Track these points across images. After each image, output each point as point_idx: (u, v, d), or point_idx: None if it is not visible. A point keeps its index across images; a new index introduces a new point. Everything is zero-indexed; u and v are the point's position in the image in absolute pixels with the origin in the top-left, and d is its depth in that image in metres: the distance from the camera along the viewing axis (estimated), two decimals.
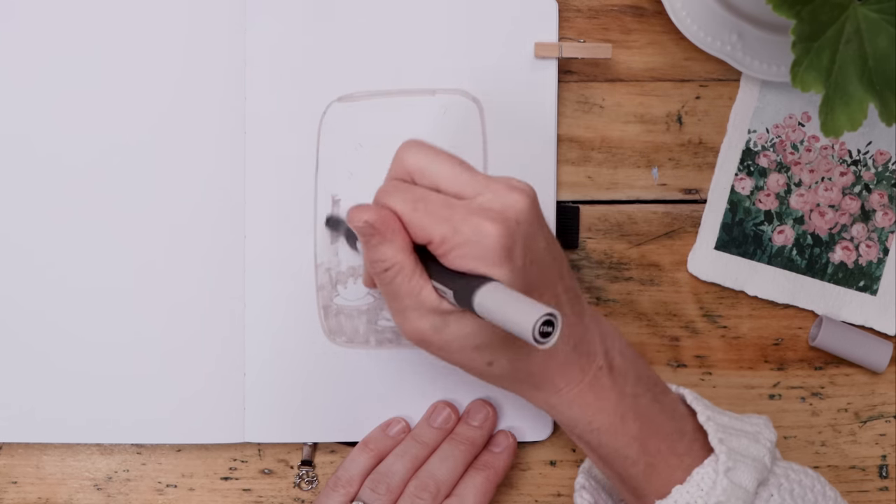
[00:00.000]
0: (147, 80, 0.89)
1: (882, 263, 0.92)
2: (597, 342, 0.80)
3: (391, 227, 0.76)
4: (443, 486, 0.87)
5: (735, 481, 0.78)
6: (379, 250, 0.76)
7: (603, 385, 0.80)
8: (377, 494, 0.87)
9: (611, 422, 0.80)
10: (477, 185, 0.76)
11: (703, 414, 0.81)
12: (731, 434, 0.80)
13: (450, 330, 0.76)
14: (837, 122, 0.76)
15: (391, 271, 0.76)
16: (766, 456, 0.80)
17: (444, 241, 0.75)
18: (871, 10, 0.76)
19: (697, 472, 0.79)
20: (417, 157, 0.78)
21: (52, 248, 0.89)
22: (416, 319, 0.77)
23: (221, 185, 0.90)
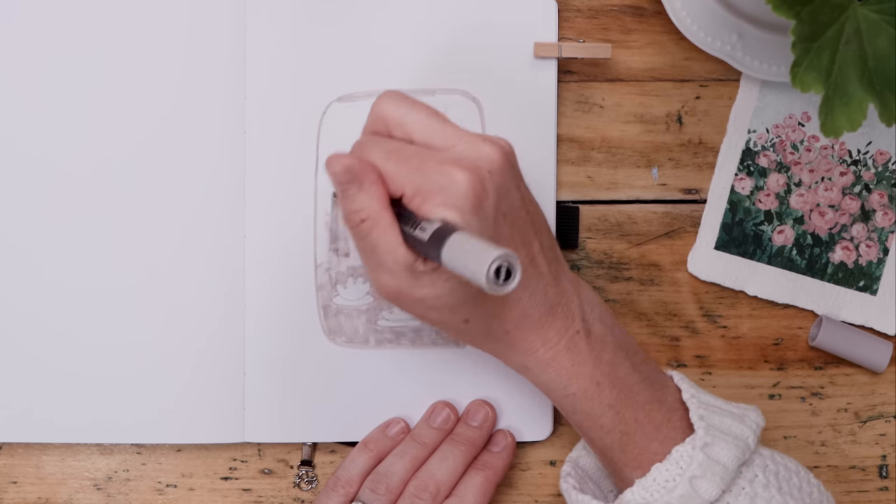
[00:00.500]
0: (147, 81, 0.89)
1: (882, 263, 0.92)
2: (575, 306, 0.80)
3: (369, 176, 0.75)
4: (442, 487, 0.87)
5: (712, 456, 0.78)
6: (357, 199, 0.75)
7: (580, 349, 0.80)
8: (377, 495, 0.87)
9: (586, 388, 0.80)
10: (451, 137, 0.76)
11: (688, 391, 0.81)
12: (714, 412, 0.80)
13: (424, 288, 0.75)
14: (837, 122, 0.76)
15: (368, 223, 0.75)
16: (751, 437, 0.80)
17: (417, 192, 0.74)
18: (870, 10, 0.76)
19: (677, 449, 0.79)
20: (393, 107, 0.77)
21: (52, 248, 0.89)
22: (391, 276, 0.75)
23: (221, 186, 0.90)
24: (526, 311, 0.78)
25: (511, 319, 0.79)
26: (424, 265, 0.74)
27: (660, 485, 0.79)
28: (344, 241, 0.90)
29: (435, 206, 0.73)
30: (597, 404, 0.80)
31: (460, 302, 0.77)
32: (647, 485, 0.79)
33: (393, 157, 0.75)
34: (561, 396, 0.81)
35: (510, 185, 0.76)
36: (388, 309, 0.91)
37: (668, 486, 0.78)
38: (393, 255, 0.74)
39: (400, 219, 0.75)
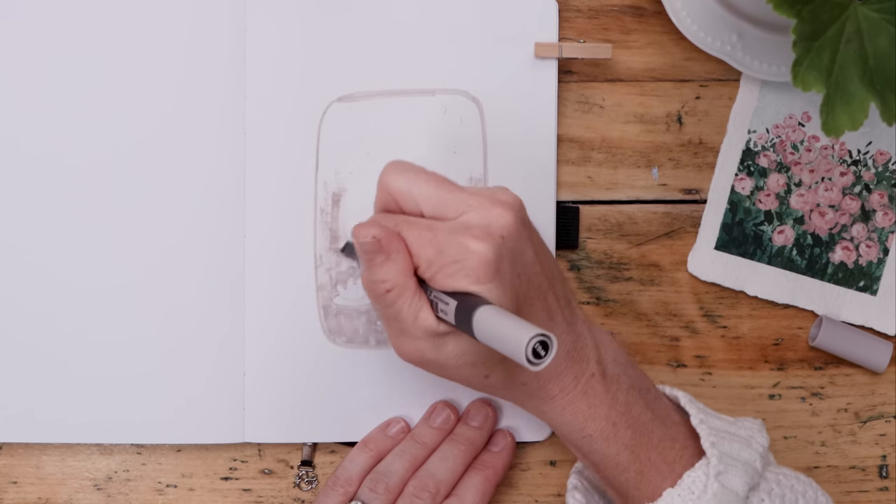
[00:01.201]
0: (147, 81, 0.89)
1: (882, 263, 0.92)
2: (590, 349, 0.80)
3: (396, 246, 0.75)
4: (442, 486, 0.87)
5: (726, 485, 0.78)
6: (383, 269, 0.75)
7: (595, 392, 0.80)
8: (376, 494, 0.87)
9: (602, 429, 0.80)
10: (460, 204, 0.76)
11: (697, 417, 0.81)
12: (724, 438, 0.80)
13: (447, 350, 0.76)
14: (838, 121, 0.76)
15: (393, 293, 0.75)
16: (758, 461, 0.80)
17: (431, 264, 0.74)
18: (871, 9, 0.76)
19: (688, 475, 0.79)
20: (399, 180, 0.77)
21: (53, 248, 0.89)
22: (414, 341, 0.76)
23: (221, 186, 0.89)
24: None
25: (530, 372, 0.79)
26: (448, 328, 0.75)
27: None
28: (344, 241, 0.90)
29: (451, 277, 0.74)
30: (613, 444, 0.80)
31: (481, 360, 0.77)
32: None
33: (404, 231, 0.76)
34: (578, 438, 0.81)
35: (523, 246, 0.77)
36: None
37: None
38: (416, 321, 0.75)
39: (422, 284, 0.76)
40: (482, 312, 0.72)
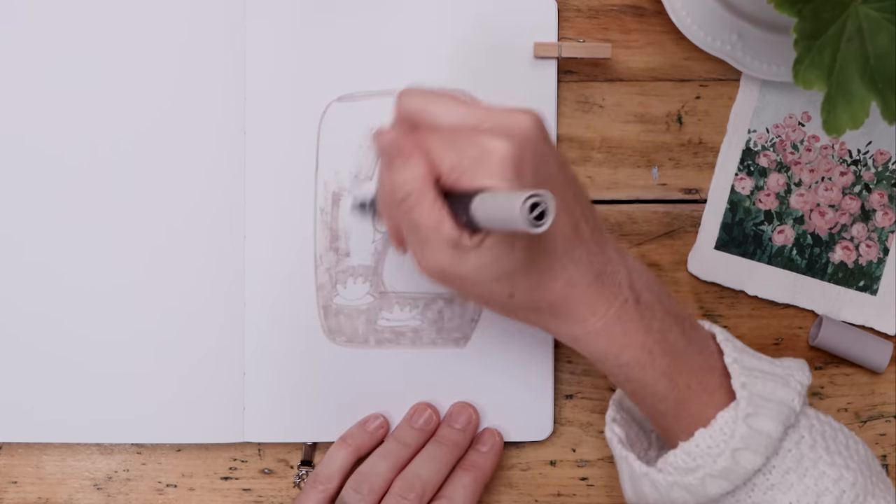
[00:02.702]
0: (147, 80, 0.89)
1: (882, 263, 0.92)
2: (622, 275, 0.78)
3: (416, 148, 0.74)
4: (428, 487, 0.87)
5: (755, 427, 0.77)
6: (402, 171, 0.73)
7: (630, 318, 0.78)
8: (360, 495, 0.86)
9: (638, 356, 0.78)
10: (480, 115, 0.75)
11: (730, 355, 0.79)
12: (757, 377, 0.78)
13: (469, 262, 0.74)
14: (839, 120, 0.76)
15: (412, 197, 0.73)
16: (796, 399, 0.78)
17: (454, 168, 0.73)
18: (871, 8, 0.76)
19: (721, 415, 0.77)
20: (414, 101, 0.77)
21: (52, 248, 0.89)
22: (436, 252, 0.74)
23: (221, 185, 0.89)
24: (572, 279, 0.77)
25: (557, 290, 0.77)
26: (469, 240, 0.73)
27: (702, 451, 0.77)
28: (344, 240, 0.90)
29: (474, 177, 0.72)
30: (650, 372, 0.78)
31: (505, 274, 0.75)
32: (691, 450, 0.78)
33: (425, 139, 0.74)
34: (613, 366, 0.79)
35: (546, 152, 0.75)
36: (388, 309, 0.91)
37: (711, 453, 0.77)
38: (436, 232, 0.73)
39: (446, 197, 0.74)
40: (482, 195, 0.70)
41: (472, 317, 0.91)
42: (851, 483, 0.78)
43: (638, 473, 0.80)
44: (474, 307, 0.91)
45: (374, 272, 0.90)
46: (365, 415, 0.90)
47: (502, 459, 0.92)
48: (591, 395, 0.92)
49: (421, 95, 0.77)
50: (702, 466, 0.77)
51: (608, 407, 0.86)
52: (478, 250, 0.73)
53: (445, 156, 0.73)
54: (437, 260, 0.74)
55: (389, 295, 0.91)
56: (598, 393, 0.93)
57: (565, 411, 0.92)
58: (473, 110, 0.75)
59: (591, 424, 0.93)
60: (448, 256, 0.74)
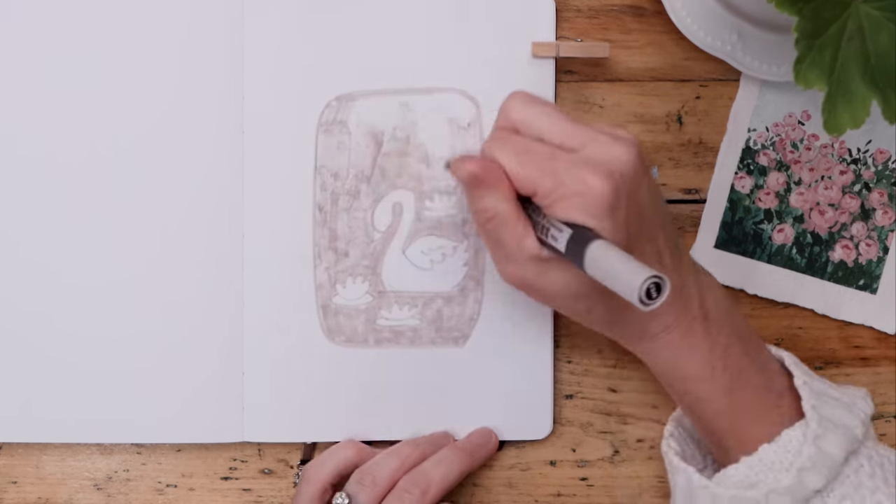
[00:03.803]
0: (145, 80, 0.89)
1: (882, 262, 0.92)
2: (693, 291, 0.81)
3: (495, 177, 0.76)
4: (433, 486, 0.86)
5: (823, 449, 0.78)
6: (483, 201, 0.77)
7: (696, 333, 0.80)
8: (362, 486, 0.86)
9: (701, 371, 0.80)
10: (582, 137, 0.76)
11: (800, 378, 0.81)
12: (826, 402, 0.80)
13: (550, 277, 0.77)
14: (840, 119, 0.76)
15: (494, 221, 0.77)
16: (859, 427, 0.80)
17: (549, 194, 0.75)
18: (872, 7, 0.76)
19: (787, 433, 0.79)
20: (522, 109, 0.78)
21: (51, 247, 0.89)
22: (518, 266, 0.77)
23: (220, 184, 0.89)
24: None
25: (633, 310, 0.79)
26: (551, 254, 0.76)
27: (766, 466, 0.79)
28: (343, 240, 0.90)
29: (568, 209, 0.74)
30: (709, 387, 0.80)
31: (584, 293, 0.78)
32: (753, 464, 0.79)
33: (525, 160, 0.76)
34: (674, 379, 0.81)
35: (640, 186, 0.77)
36: (387, 308, 0.90)
37: (774, 468, 0.78)
38: (520, 247, 0.76)
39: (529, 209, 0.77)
40: (596, 246, 0.72)
41: (472, 316, 0.91)
42: None
43: (696, 486, 0.81)
44: (473, 306, 0.91)
45: (373, 272, 0.90)
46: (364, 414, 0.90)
47: (502, 459, 0.92)
48: (591, 395, 0.92)
49: (529, 103, 0.79)
50: (763, 482, 0.78)
51: (667, 423, 0.87)
52: (558, 267, 0.77)
53: (543, 180, 0.75)
54: (518, 273, 0.78)
55: (388, 294, 0.91)
56: (598, 393, 0.93)
57: (565, 411, 0.92)
58: (578, 131, 0.77)
59: (591, 424, 0.93)
60: (529, 270, 0.77)
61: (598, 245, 0.72)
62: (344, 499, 0.85)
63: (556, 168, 0.75)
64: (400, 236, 0.90)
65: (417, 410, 0.91)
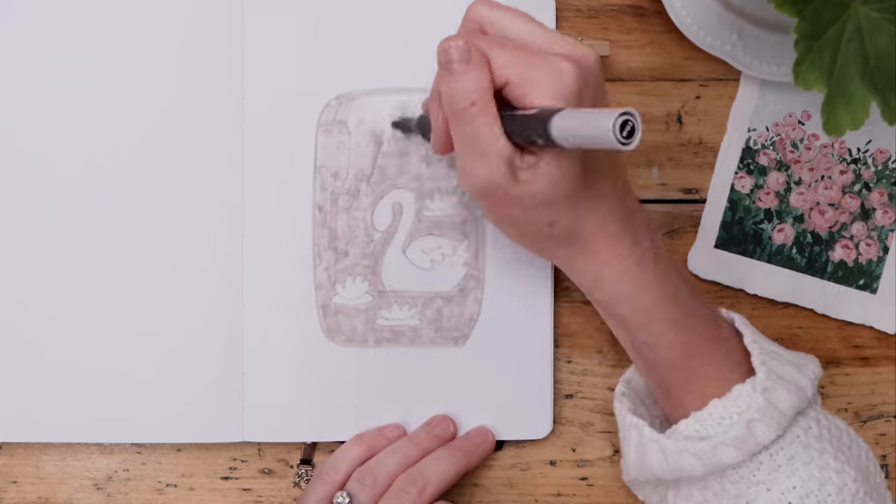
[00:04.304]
0: (145, 80, 0.89)
1: (882, 262, 0.92)
2: (644, 225, 0.81)
3: (482, 59, 0.75)
4: (430, 485, 0.86)
5: (771, 401, 0.78)
6: (467, 78, 0.74)
7: (648, 266, 0.80)
8: (363, 485, 0.86)
9: (652, 304, 0.80)
10: (549, 37, 0.76)
11: (750, 337, 0.81)
12: (775, 359, 0.80)
13: (521, 183, 0.75)
14: (840, 120, 0.76)
15: (476, 107, 0.74)
16: (809, 386, 0.80)
17: (522, 81, 0.74)
18: (871, 9, 0.76)
19: (737, 388, 0.79)
20: (488, 10, 0.78)
21: (52, 248, 0.89)
22: (489, 168, 0.75)
23: (220, 185, 0.89)
24: (605, 219, 0.79)
25: (591, 227, 0.79)
26: (522, 161, 0.74)
27: (715, 420, 0.79)
28: (343, 240, 0.90)
29: (540, 94, 0.73)
30: (659, 322, 0.80)
31: (553, 201, 0.76)
32: (703, 418, 0.79)
33: (497, 46, 0.75)
34: (625, 311, 0.81)
35: (602, 90, 0.77)
36: (387, 308, 0.91)
37: (724, 423, 0.79)
38: (495, 146, 0.74)
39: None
40: (565, 111, 0.70)
41: (472, 316, 0.91)
42: (854, 478, 0.79)
43: (647, 440, 0.81)
44: (473, 306, 0.91)
45: (372, 271, 0.90)
46: (364, 413, 0.90)
47: (502, 459, 0.92)
48: (591, 395, 0.92)
49: (494, 8, 0.78)
50: (713, 436, 0.79)
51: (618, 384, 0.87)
52: (531, 172, 0.75)
53: (516, 68, 0.74)
54: (489, 173, 0.75)
55: (388, 294, 0.91)
56: (598, 393, 0.93)
57: (565, 411, 0.92)
58: (545, 31, 0.77)
59: (591, 424, 0.93)
60: (501, 173, 0.74)
61: (567, 110, 0.71)
62: (345, 497, 0.86)
63: (530, 56, 0.75)
64: (400, 236, 0.90)
65: (417, 410, 0.91)
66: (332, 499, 0.86)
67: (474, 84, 0.74)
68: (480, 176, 0.75)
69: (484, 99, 0.74)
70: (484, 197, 0.77)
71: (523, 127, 0.73)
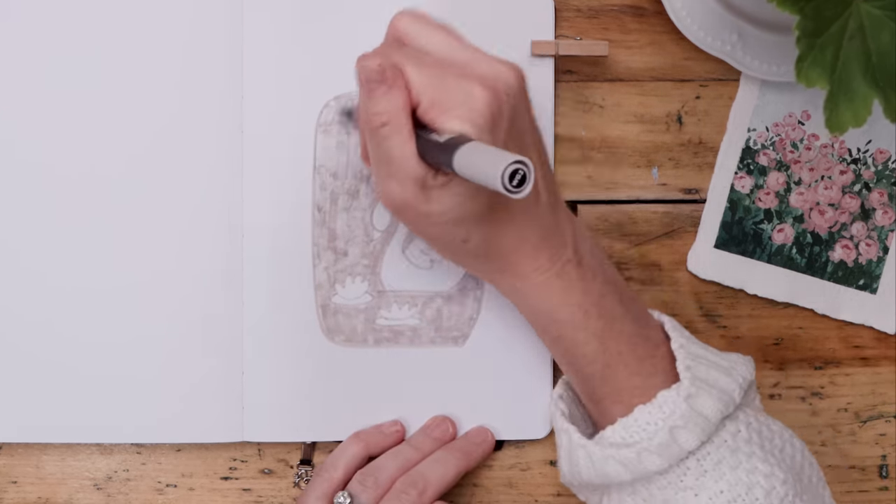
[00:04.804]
0: (144, 80, 0.89)
1: (882, 262, 0.92)
2: (568, 236, 0.81)
3: (398, 81, 0.75)
4: (429, 487, 0.87)
5: (695, 408, 0.78)
6: (383, 100, 0.74)
7: (570, 277, 0.80)
8: (364, 487, 0.86)
9: (573, 315, 0.80)
10: (468, 57, 0.76)
11: (677, 341, 0.81)
12: (702, 363, 0.80)
13: (431, 203, 0.76)
14: (842, 118, 0.76)
15: (388, 128, 0.74)
16: (736, 391, 0.80)
17: (434, 104, 0.74)
18: (874, 6, 0.76)
19: (662, 394, 0.79)
20: (410, 24, 0.78)
21: (51, 248, 0.89)
22: (402, 186, 0.75)
23: (219, 185, 0.89)
24: (523, 234, 0.79)
25: (508, 243, 0.79)
26: (435, 180, 0.75)
27: (640, 427, 0.79)
28: (342, 239, 0.90)
29: (451, 119, 0.73)
30: (582, 332, 0.80)
31: (464, 219, 0.77)
32: (629, 425, 0.80)
33: (414, 64, 0.75)
34: (547, 322, 0.81)
35: (522, 111, 0.77)
36: (387, 308, 0.90)
37: (649, 429, 0.79)
38: (406, 167, 0.74)
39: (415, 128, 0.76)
40: (469, 145, 0.71)
41: (471, 315, 0.91)
42: (782, 480, 0.79)
43: (575, 444, 0.82)
44: (473, 306, 0.91)
45: (372, 271, 0.90)
46: (363, 413, 0.90)
47: (502, 459, 0.92)
48: None
49: (418, 21, 0.78)
50: (638, 442, 0.79)
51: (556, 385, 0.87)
52: (442, 191, 0.75)
53: (429, 90, 0.74)
54: (401, 192, 0.76)
55: (388, 294, 0.91)
56: None
57: None
58: (465, 50, 0.77)
59: None
60: (412, 192, 0.75)
61: (471, 144, 0.71)
62: (346, 498, 0.86)
63: (445, 78, 0.75)
64: (399, 236, 0.90)
65: (417, 410, 0.91)
66: (331, 497, 0.86)
67: (387, 105, 0.74)
68: (392, 193, 0.76)
69: (397, 119, 0.74)
70: (397, 213, 0.78)
71: (434, 152, 0.74)
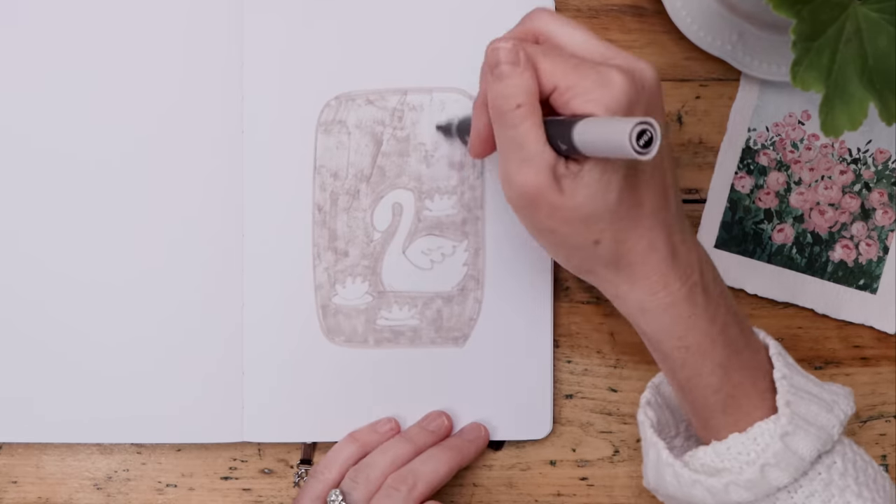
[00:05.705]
0: (144, 81, 0.89)
1: (882, 262, 0.92)
2: (694, 258, 0.77)
3: (530, 65, 0.73)
4: (421, 482, 0.86)
5: (790, 447, 0.76)
6: (518, 81, 0.72)
7: (697, 302, 0.77)
8: (355, 484, 0.87)
9: (700, 342, 0.77)
10: (606, 50, 0.74)
11: (780, 371, 0.78)
12: (803, 398, 0.78)
13: (565, 193, 0.73)
14: (838, 121, 0.76)
15: (522, 110, 0.72)
16: (836, 427, 0.78)
17: (570, 88, 0.72)
18: (871, 9, 0.76)
19: (759, 425, 0.77)
20: (549, 20, 0.76)
21: (52, 247, 0.89)
22: (534, 173, 0.72)
23: (220, 185, 0.89)
24: (654, 244, 0.76)
25: (639, 250, 0.76)
26: (566, 168, 0.72)
27: (732, 455, 0.77)
28: (342, 240, 0.90)
29: (586, 102, 0.71)
30: (708, 361, 0.78)
31: (596, 216, 0.73)
32: (720, 451, 0.78)
33: (547, 54, 0.73)
34: (673, 347, 0.78)
35: (656, 106, 0.75)
36: (387, 308, 0.91)
37: (740, 459, 0.77)
38: (541, 151, 0.72)
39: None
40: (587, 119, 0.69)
41: (472, 316, 0.91)
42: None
43: (664, 462, 0.80)
44: (473, 306, 0.91)
45: (372, 272, 0.90)
46: (363, 414, 0.91)
47: (502, 459, 0.92)
48: (591, 394, 0.92)
49: (554, 17, 0.76)
50: (728, 470, 0.77)
51: (645, 389, 0.85)
52: (574, 182, 0.72)
53: (566, 74, 0.72)
54: (535, 180, 0.73)
55: (388, 294, 0.91)
56: (597, 393, 0.93)
57: (565, 411, 0.92)
58: (603, 45, 0.75)
59: (591, 424, 0.93)
60: (548, 180, 0.72)
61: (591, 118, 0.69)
62: (338, 496, 0.86)
63: (581, 65, 0.72)
64: (400, 236, 0.90)
65: (417, 410, 0.91)
66: (325, 497, 0.86)
67: (521, 86, 0.72)
68: (523, 182, 0.73)
69: (530, 102, 0.72)
70: (526, 205, 0.74)
71: (554, 133, 0.72)
